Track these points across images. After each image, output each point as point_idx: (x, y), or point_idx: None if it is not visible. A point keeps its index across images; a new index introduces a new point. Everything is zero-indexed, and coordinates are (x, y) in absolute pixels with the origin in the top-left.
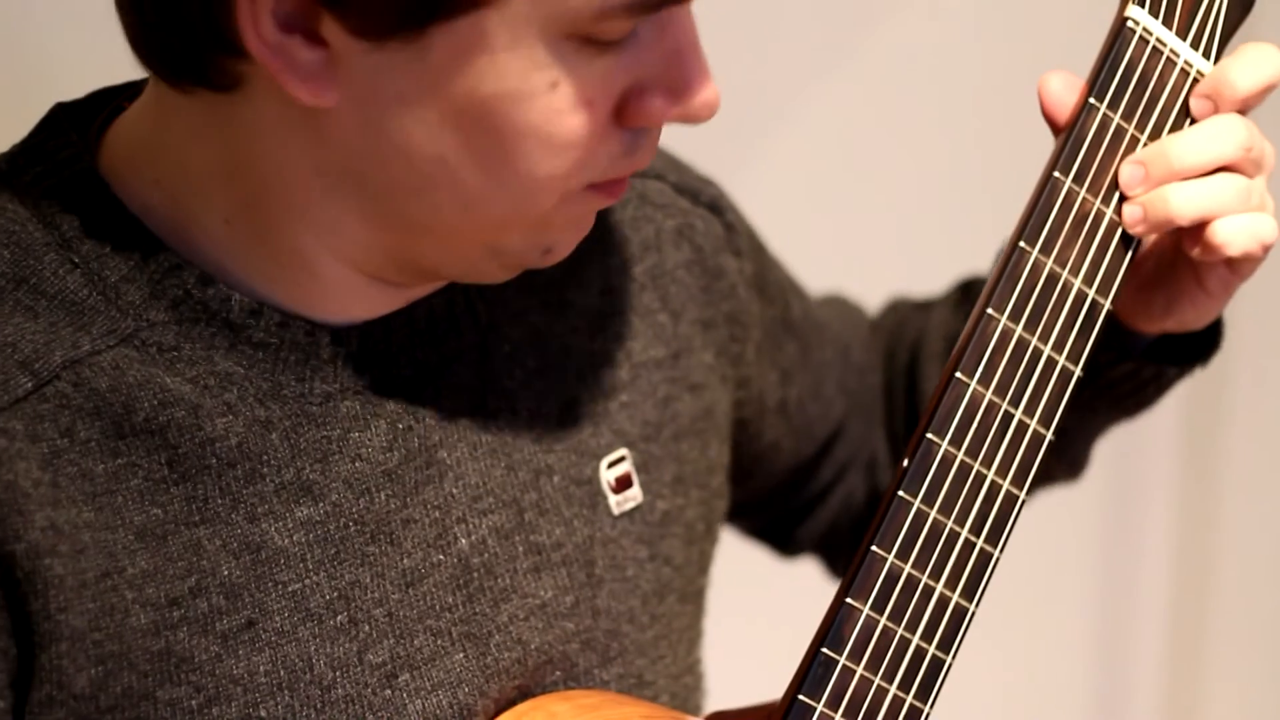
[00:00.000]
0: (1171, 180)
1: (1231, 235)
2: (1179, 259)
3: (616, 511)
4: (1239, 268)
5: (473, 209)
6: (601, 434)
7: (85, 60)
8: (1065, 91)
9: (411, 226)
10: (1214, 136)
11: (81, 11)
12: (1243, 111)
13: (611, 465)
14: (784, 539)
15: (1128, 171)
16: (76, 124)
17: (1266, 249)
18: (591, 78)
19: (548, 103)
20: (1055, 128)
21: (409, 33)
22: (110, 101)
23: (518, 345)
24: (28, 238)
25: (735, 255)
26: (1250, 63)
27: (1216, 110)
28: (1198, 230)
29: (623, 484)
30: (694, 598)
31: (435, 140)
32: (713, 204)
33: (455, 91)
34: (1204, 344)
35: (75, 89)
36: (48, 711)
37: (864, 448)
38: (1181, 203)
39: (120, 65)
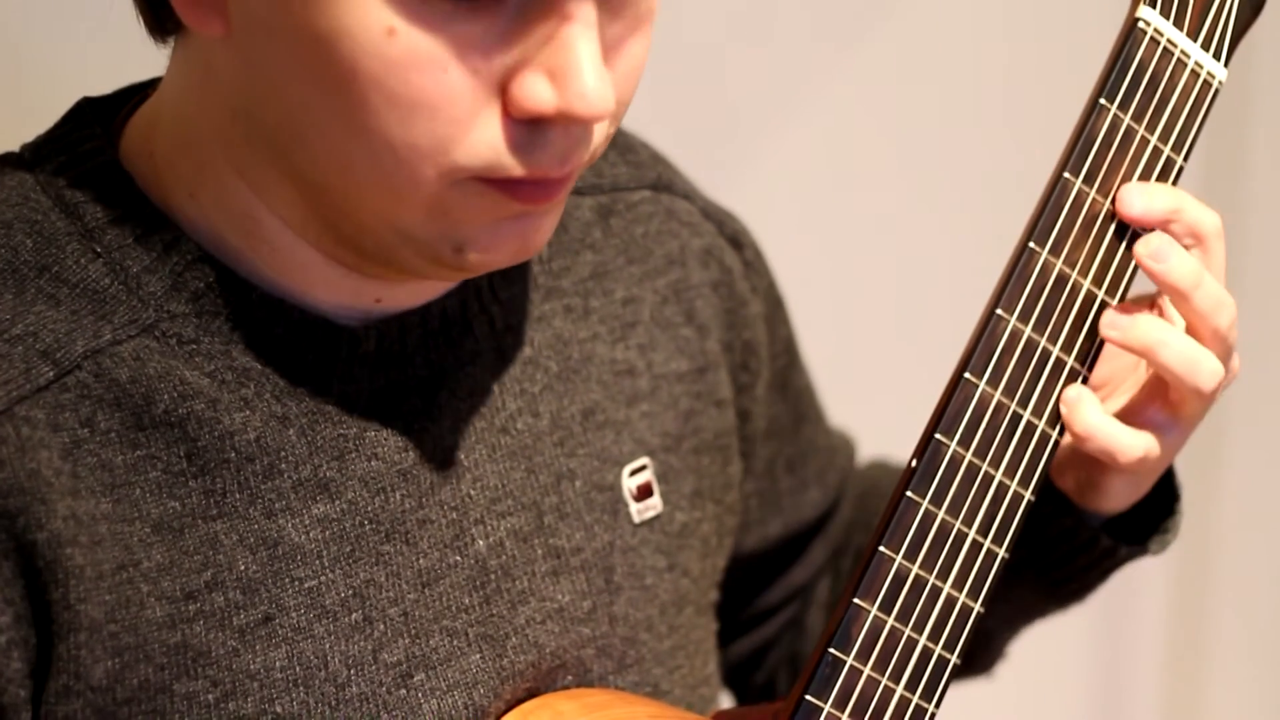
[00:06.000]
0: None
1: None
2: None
3: (637, 520)
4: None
5: (349, 170)
6: (624, 441)
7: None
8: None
9: (312, 185)
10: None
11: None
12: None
13: (634, 473)
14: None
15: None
16: (101, 117)
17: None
18: (445, 38)
19: (384, 51)
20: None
21: None
22: (133, 97)
23: (539, 350)
24: (50, 227)
25: (753, 291)
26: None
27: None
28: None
29: (644, 492)
30: (708, 610)
31: (294, 79)
32: (734, 238)
33: (301, 23)
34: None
35: (75, 89)
36: (65, 702)
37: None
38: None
39: (120, 65)
